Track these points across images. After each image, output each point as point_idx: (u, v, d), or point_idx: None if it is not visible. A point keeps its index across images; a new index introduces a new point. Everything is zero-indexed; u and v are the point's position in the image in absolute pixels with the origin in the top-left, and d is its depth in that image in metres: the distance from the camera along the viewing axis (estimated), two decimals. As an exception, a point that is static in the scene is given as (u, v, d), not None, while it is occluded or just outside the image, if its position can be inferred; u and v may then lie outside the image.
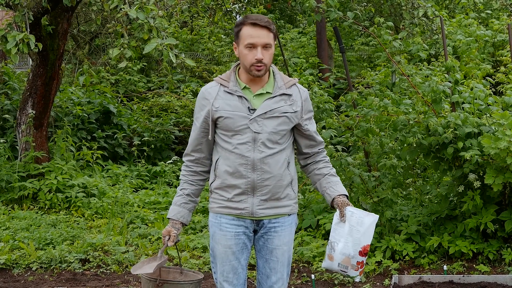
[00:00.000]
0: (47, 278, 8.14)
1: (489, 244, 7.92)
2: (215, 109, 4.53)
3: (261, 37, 4.46)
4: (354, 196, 8.56)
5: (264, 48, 4.47)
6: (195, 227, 9.91)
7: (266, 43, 4.47)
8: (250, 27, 4.47)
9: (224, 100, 4.54)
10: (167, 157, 14.32)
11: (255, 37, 4.46)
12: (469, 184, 7.75)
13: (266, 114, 4.51)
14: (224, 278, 4.66)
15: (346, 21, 8.92)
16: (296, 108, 4.59)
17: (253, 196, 4.55)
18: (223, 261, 4.65)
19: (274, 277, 4.71)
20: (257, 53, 4.45)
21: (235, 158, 4.52)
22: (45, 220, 10.12)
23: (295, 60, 16.95)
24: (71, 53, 19.46)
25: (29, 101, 11.63)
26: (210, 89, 4.62)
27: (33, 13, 9.81)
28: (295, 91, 4.64)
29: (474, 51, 12.84)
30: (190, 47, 19.84)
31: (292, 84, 4.65)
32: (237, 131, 4.52)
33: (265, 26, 4.46)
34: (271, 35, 4.51)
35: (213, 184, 4.64)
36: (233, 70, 4.66)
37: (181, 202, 4.71)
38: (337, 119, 9.07)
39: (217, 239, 4.66)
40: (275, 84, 4.60)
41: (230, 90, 4.55)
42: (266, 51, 4.48)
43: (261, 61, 4.46)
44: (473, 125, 7.71)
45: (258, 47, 4.46)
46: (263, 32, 4.47)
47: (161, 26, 8.02)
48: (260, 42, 4.46)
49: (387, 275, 7.77)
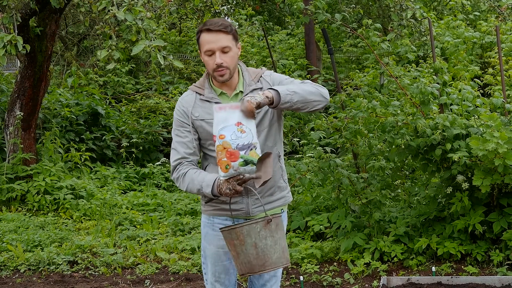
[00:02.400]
0: (35, 280, 8.12)
1: (477, 245, 7.93)
2: (195, 117, 4.48)
3: (217, 42, 4.36)
4: (343, 198, 8.57)
5: (222, 52, 4.38)
6: (184, 228, 9.90)
7: (223, 46, 4.37)
8: (206, 33, 4.39)
9: (202, 108, 4.48)
10: (156, 158, 14.32)
11: (211, 43, 4.37)
12: (457, 185, 7.76)
13: None
14: (216, 279, 4.66)
15: (334, 23, 8.92)
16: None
17: (248, 197, 4.52)
18: (215, 262, 4.64)
19: (267, 275, 4.71)
20: (216, 58, 4.37)
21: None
22: (33, 222, 10.11)
23: (284, 62, 16.98)
24: (59, 55, 19.44)
25: (17, 103, 11.60)
26: (186, 98, 4.57)
27: (21, 15, 9.80)
28: (264, 82, 4.56)
29: (462, 53, 12.86)
30: (178, 48, 19.85)
31: (259, 76, 4.58)
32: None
33: (220, 30, 4.37)
34: (229, 37, 4.40)
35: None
36: (206, 76, 4.59)
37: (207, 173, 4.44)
38: (326, 120, 9.07)
39: (209, 239, 4.64)
40: (244, 82, 4.53)
41: (206, 98, 4.50)
42: (226, 55, 4.38)
43: (221, 65, 4.38)
44: (461, 127, 7.72)
45: (216, 52, 4.37)
46: (218, 36, 4.37)
47: (149, 28, 8.00)
48: (217, 46, 4.36)
49: (376, 277, 7.78)
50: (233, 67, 4.44)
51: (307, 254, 8.37)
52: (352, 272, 7.88)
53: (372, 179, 8.57)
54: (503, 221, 7.69)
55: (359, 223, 8.48)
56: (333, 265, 8.16)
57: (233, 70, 4.44)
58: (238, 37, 4.54)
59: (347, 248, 8.19)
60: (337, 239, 8.51)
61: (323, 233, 8.98)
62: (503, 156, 6.99)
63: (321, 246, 8.59)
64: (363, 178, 8.51)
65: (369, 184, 8.54)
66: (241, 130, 4.21)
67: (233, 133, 4.20)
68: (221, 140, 4.18)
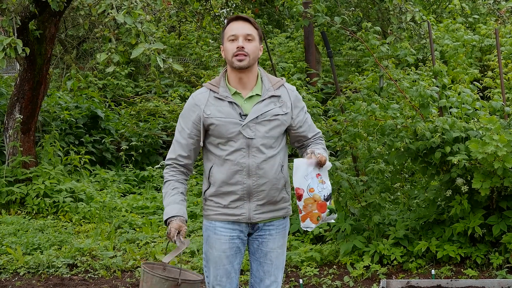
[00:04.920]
0: (35, 283, 8.11)
1: (477, 248, 7.93)
2: (206, 115, 4.49)
3: (242, 29, 4.48)
4: (342, 201, 8.56)
5: (246, 40, 4.48)
6: (183, 232, 9.88)
7: (247, 33, 4.48)
8: (234, 22, 4.52)
9: (215, 107, 4.49)
10: (155, 161, 14.32)
11: (237, 29, 4.47)
12: (457, 188, 7.76)
13: (258, 118, 4.47)
14: (217, 282, 4.65)
15: (334, 26, 8.92)
16: (286, 110, 4.56)
17: (249, 202, 4.53)
18: (217, 265, 4.64)
19: (268, 280, 4.71)
20: (238, 42, 4.46)
21: (229, 165, 4.49)
22: (33, 225, 10.10)
23: (283, 65, 16.99)
24: (58, 58, 19.43)
25: (16, 106, 11.60)
26: (200, 95, 4.57)
27: (21, 18, 9.80)
28: (284, 92, 4.60)
29: (461, 56, 12.88)
30: (178, 51, 19.85)
31: (280, 85, 4.61)
32: (230, 138, 4.48)
33: (247, 19, 4.53)
34: (254, 30, 4.52)
35: (208, 192, 4.61)
36: (222, 75, 4.61)
37: (179, 200, 4.58)
38: (325, 123, 9.08)
39: (211, 243, 4.65)
40: (263, 87, 4.56)
41: (220, 96, 4.51)
42: (249, 43, 4.48)
43: (242, 49, 4.44)
44: (461, 130, 7.72)
45: (240, 37, 4.46)
46: (244, 25, 4.50)
47: (148, 31, 8.01)
48: (241, 32, 4.47)
49: (375, 280, 7.78)
50: (253, 58, 4.50)
51: (306, 257, 8.37)
52: (351, 275, 7.87)
53: (371, 182, 8.56)
54: (503, 224, 7.69)
55: (358, 226, 8.48)
56: (332, 268, 8.16)
57: (252, 61, 4.50)
58: (263, 39, 4.67)
59: (347, 251, 8.19)
60: (337, 242, 8.51)
61: (322, 236, 8.98)
62: (502, 159, 7.00)
63: (321, 249, 8.58)
64: (362, 181, 8.52)
65: (369, 187, 8.54)
66: (321, 181, 4.42)
67: (318, 185, 4.40)
68: (312, 194, 4.38)
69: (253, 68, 4.56)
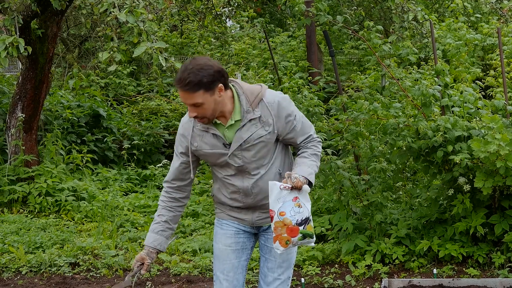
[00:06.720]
0: (37, 282, 8.12)
1: (479, 247, 7.93)
2: (194, 148, 4.51)
3: (187, 99, 4.25)
4: (344, 200, 8.56)
5: (195, 107, 4.27)
6: (185, 230, 9.90)
7: (193, 103, 4.25)
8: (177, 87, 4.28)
9: (200, 137, 4.47)
10: (157, 160, 14.32)
11: (182, 98, 4.28)
12: (459, 187, 7.75)
13: (242, 146, 4.41)
14: (224, 277, 4.70)
15: (336, 25, 8.93)
16: (268, 128, 4.41)
17: (252, 213, 4.62)
18: (224, 260, 4.71)
19: (271, 277, 4.72)
20: (190, 112, 4.34)
21: (228, 186, 4.57)
22: (35, 223, 10.10)
23: (285, 64, 16.96)
24: (60, 57, 19.45)
25: (18, 105, 11.61)
26: (186, 125, 4.54)
27: (23, 17, 9.80)
28: (263, 109, 4.41)
29: (463, 55, 12.85)
30: (180, 50, 19.83)
31: (259, 101, 4.42)
32: (222, 166, 4.52)
33: (186, 90, 4.21)
34: (199, 93, 4.21)
35: (215, 199, 4.76)
36: None
37: (158, 230, 4.70)
38: (327, 122, 9.07)
39: (218, 238, 4.74)
40: (242, 109, 4.39)
41: (202, 128, 4.46)
42: (199, 108, 4.27)
43: (196, 117, 4.32)
44: (463, 129, 7.71)
45: (188, 106, 4.30)
46: (185, 94, 4.23)
47: (150, 30, 8.02)
48: (187, 102, 4.27)
49: (377, 279, 7.77)
50: (211, 113, 4.32)
51: (308, 256, 8.37)
52: (353, 274, 7.87)
53: (373, 181, 8.56)
54: (505, 223, 7.68)
55: (360, 225, 8.48)
56: (334, 267, 8.16)
57: (212, 115, 4.33)
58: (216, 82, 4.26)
59: (349, 250, 8.19)
60: (339, 241, 8.51)
61: (324, 235, 8.98)
62: (504, 158, 6.99)
63: (323, 248, 8.58)
64: (364, 180, 8.51)
65: (371, 186, 8.54)
66: (298, 204, 4.28)
67: (292, 209, 4.26)
68: (282, 217, 4.26)
69: (223, 101, 4.36)
